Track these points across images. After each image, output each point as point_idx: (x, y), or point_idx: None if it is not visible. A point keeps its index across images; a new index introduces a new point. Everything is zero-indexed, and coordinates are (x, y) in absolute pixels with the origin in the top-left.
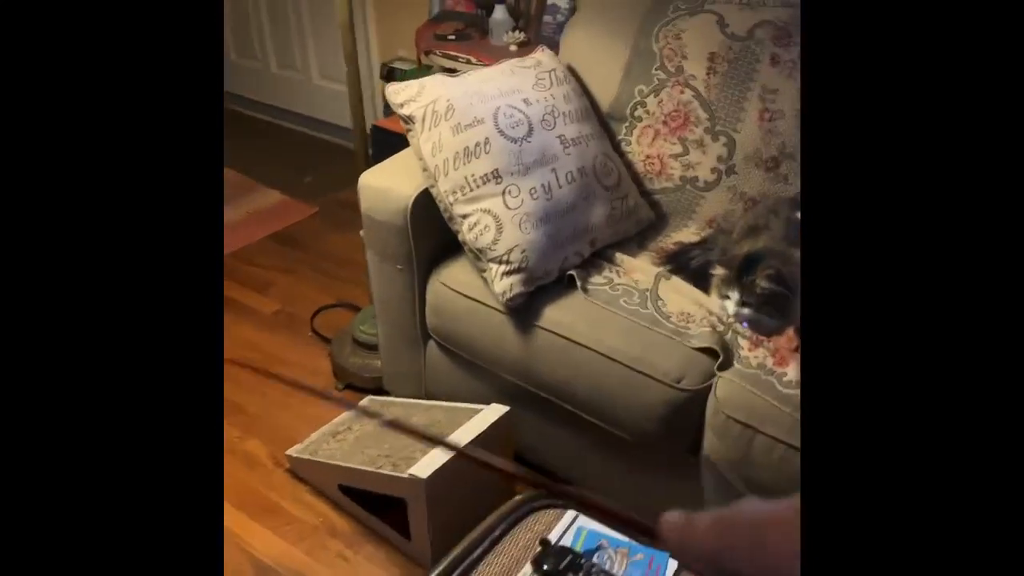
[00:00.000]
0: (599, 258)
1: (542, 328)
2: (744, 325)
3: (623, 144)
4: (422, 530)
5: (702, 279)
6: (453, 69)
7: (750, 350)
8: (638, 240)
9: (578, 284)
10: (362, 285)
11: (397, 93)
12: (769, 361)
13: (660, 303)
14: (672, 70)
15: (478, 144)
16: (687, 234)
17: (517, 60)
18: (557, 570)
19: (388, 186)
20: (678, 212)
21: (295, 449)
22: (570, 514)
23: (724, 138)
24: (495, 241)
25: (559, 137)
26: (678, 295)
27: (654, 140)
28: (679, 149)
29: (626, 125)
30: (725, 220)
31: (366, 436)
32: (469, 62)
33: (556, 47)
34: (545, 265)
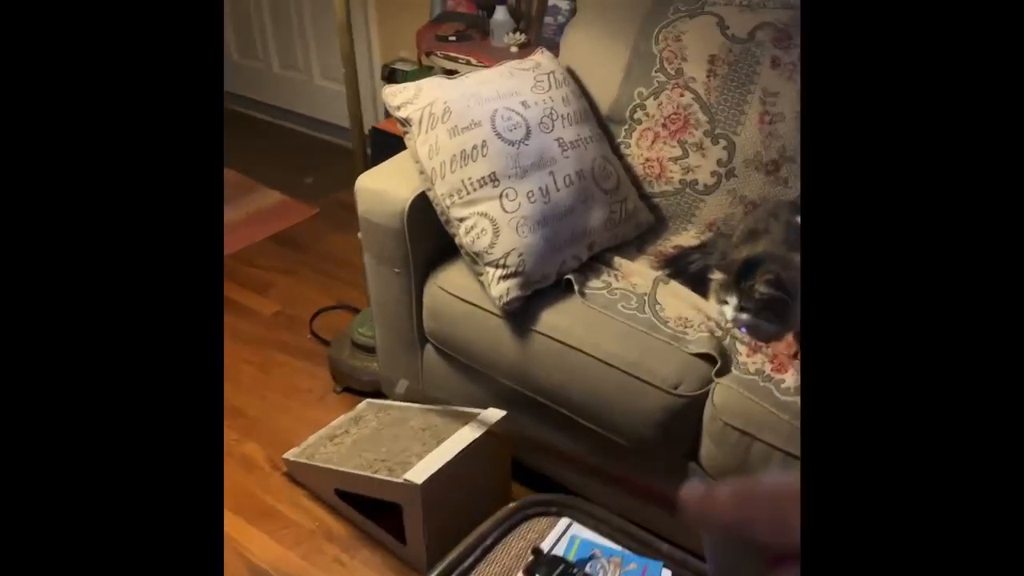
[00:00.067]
0: (597, 262)
1: (539, 332)
2: (742, 330)
3: (622, 147)
4: (417, 535)
5: (701, 284)
6: (454, 70)
7: (748, 356)
8: (637, 244)
9: (575, 288)
10: (362, 287)
11: (394, 95)
12: (767, 367)
13: (658, 308)
14: (672, 72)
15: (475, 147)
16: (686, 238)
17: (516, 62)
18: None
19: (385, 189)
20: (677, 216)
21: (292, 452)
22: (563, 522)
23: (724, 141)
24: (492, 245)
25: (557, 140)
26: (676, 300)
27: (653, 143)
28: (679, 152)
29: (625, 128)
30: (725, 224)
31: (363, 440)
32: (469, 63)
33: (557, 48)
34: (542, 269)
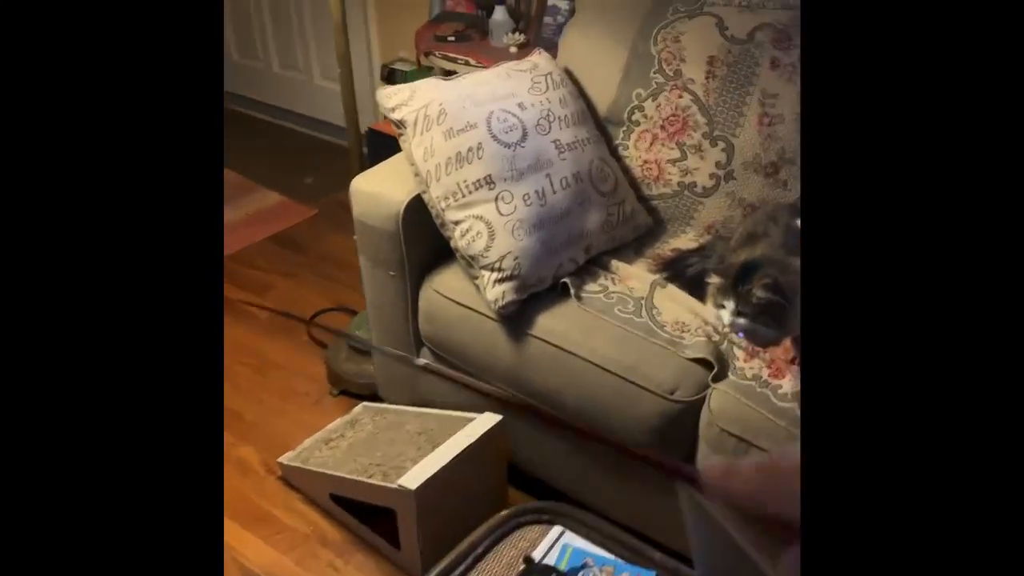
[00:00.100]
0: (594, 265)
1: (535, 336)
2: (740, 335)
3: (620, 149)
4: (411, 540)
5: (698, 287)
6: (452, 71)
7: (746, 361)
8: (635, 246)
9: (572, 292)
10: (360, 289)
11: (389, 97)
12: (765, 373)
13: (655, 312)
14: (671, 74)
15: (471, 149)
16: (685, 241)
17: (513, 63)
18: None
19: (380, 191)
20: (676, 218)
21: (287, 456)
22: (556, 530)
23: (723, 143)
24: (487, 248)
25: (554, 142)
26: (673, 304)
27: (652, 145)
28: (677, 154)
29: (624, 129)
30: (724, 227)
31: (359, 444)
32: (468, 64)
33: (556, 49)
34: (538, 272)
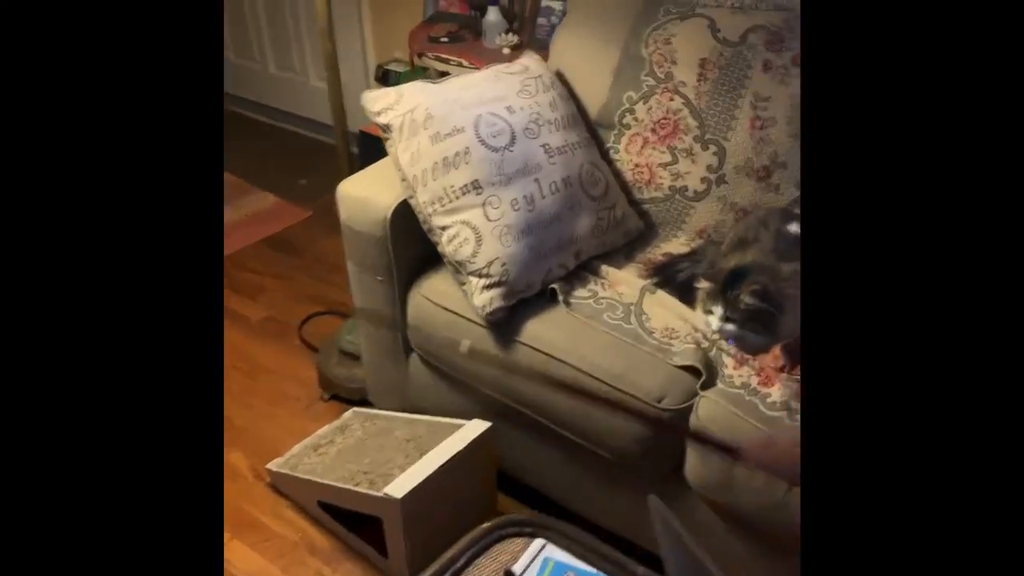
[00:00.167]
0: (584, 270)
1: (523, 343)
2: (729, 342)
3: (611, 152)
4: (398, 549)
5: (688, 293)
6: (446, 72)
7: (735, 368)
8: (626, 251)
9: (560, 298)
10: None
11: (375, 101)
12: (754, 381)
13: (644, 318)
14: (662, 76)
15: (457, 154)
16: (676, 245)
17: (503, 66)
18: None
19: (367, 196)
20: (667, 222)
21: (275, 463)
22: (537, 543)
23: (714, 147)
24: (474, 254)
25: (543, 146)
26: (663, 309)
27: (643, 148)
28: (668, 158)
29: (615, 133)
30: (715, 231)
31: (347, 450)
32: (461, 65)
33: (549, 50)
34: (527, 278)
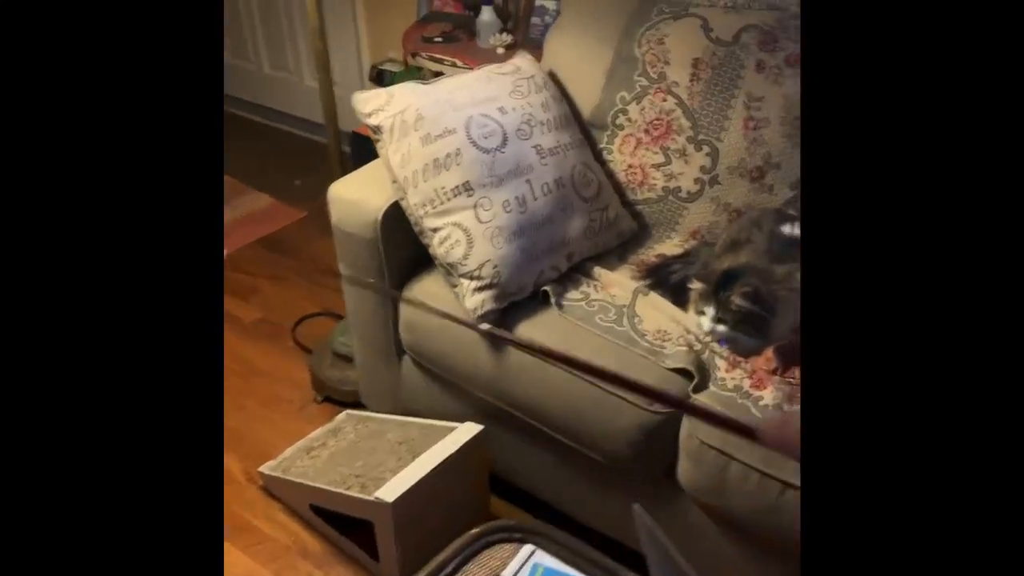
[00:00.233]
0: (577, 272)
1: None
2: (722, 344)
3: (605, 153)
4: (390, 552)
5: (681, 295)
6: (440, 72)
7: (727, 371)
8: (619, 252)
9: (552, 300)
10: None
11: (365, 102)
12: (746, 383)
13: (636, 320)
14: (655, 76)
15: (448, 155)
16: (670, 246)
17: (495, 66)
18: None
19: (358, 198)
20: (661, 223)
21: (268, 466)
22: (527, 549)
23: (707, 147)
24: (465, 256)
25: (535, 147)
26: (655, 311)
27: (636, 149)
28: (661, 159)
29: (607, 133)
30: (709, 232)
31: (340, 453)
32: (455, 65)
33: (543, 50)
34: (518, 280)
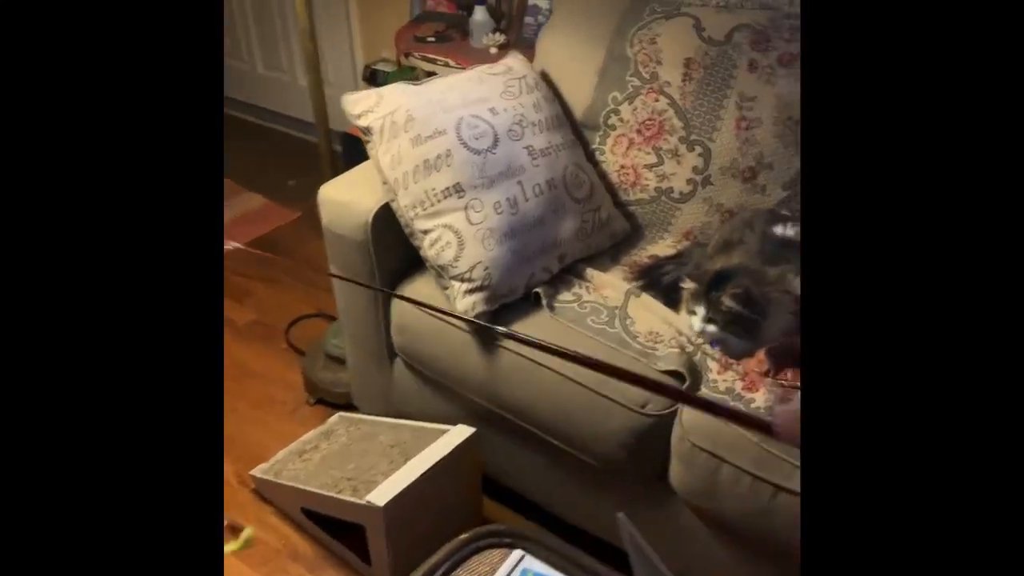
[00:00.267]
0: (569, 274)
1: (506, 348)
2: (713, 346)
3: (597, 154)
4: (381, 556)
5: (673, 296)
6: (433, 72)
7: (719, 373)
8: (611, 254)
9: (544, 302)
10: None
11: (355, 103)
12: (738, 385)
13: (628, 322)
14: (647, 76)
15: (439, 156)
16: (663, 247)
17: (486, 67)
18: None
19: (349, 199)
20: (654, 224)
21: (259, 469)
22: (516, 554)
23: (700, 148)
24: (456, 258)
25: (527, 148)
26: (648, 313)
27: (628, 149)
28: (653, 159)
29: (600, 134)
30: (702, 233)
31: (331, 456)
32: (448, 65)
33: (536, 49)
34: (509, 282)
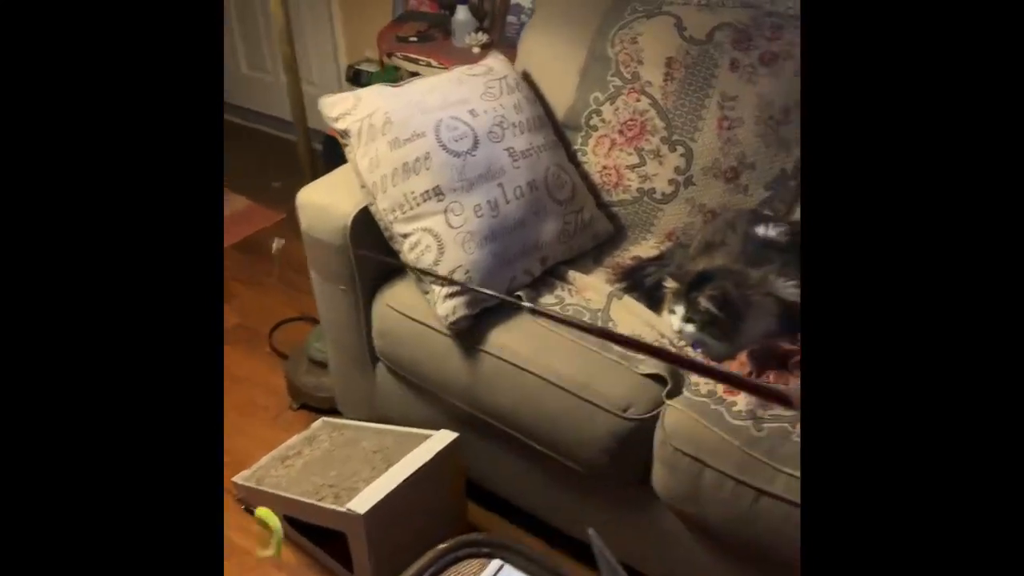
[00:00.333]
0: (551, 276)
1: (487, 353)
2: (695, 348)
3: (579, 155)
4: (363, 564)
5: (656, 298)
6: (417, 72)
7: (701, 376)
8: (594, 255)
9: (525, 305)
10: None
11: (332, 106)
12: (720, 388)
13: (611, 324)
14: (628, 76)
15: (418, 159)
16: (646, 248)
17: (466, 68)
18: None
19: (327, 203)
20: (636, 225)
21: (242, 476)
22: (495, 564)
23: (682, 148)
24: (436, 262)
25: (507, 150)
26: (630, 315)
27: (610, 150)
28: (636, 160)
29: (582, 135)
30: (684, 234)
31: (314, 462)
32: (431, 65)
33: (518, 49)
34: (491, 286)
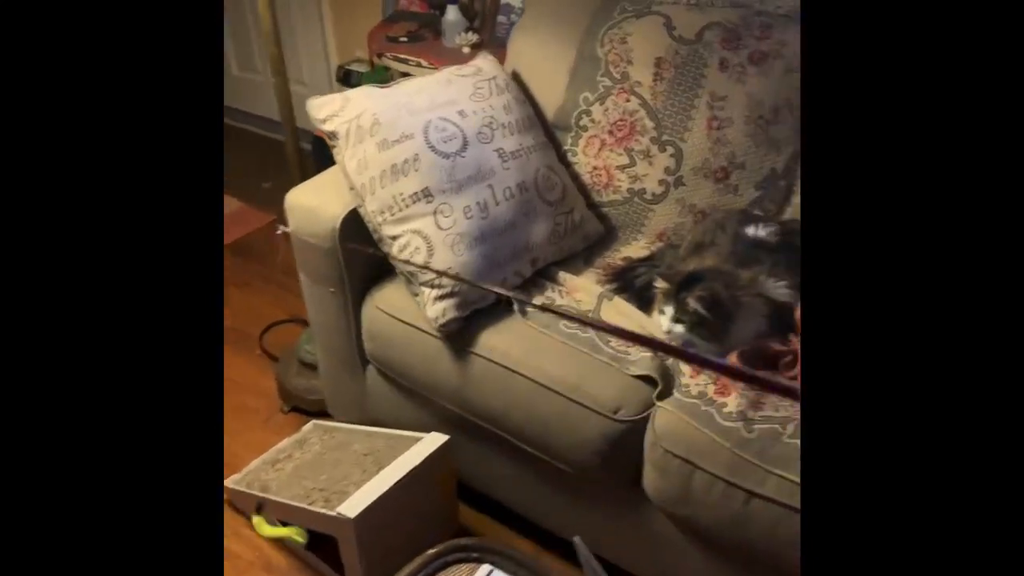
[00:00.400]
0: (542, 277)
1: (478, 355)
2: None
3: (569, 155)
4: (354, 568)
5: (646, 299)
6: (407, 72)
7: (692, 377)
8: (585, 256)
9: (515, 307)
10: None
11: (319, 108)
12: (710, 390)
13: None
14: (618, 76)
15: (406, 161)
16: (636, 248)
17: (455, 68)
18: None
19: (316, 205)
20: (627, 225)
21: (232, 480)
22: (484, 569)
23: (671, 148)
24: (425, 264)
25: (497, 151)
26: (620, 317)
27: (600, 151)
28: (625, 160)
29: (572, 135)
30: (675, 234)
31: (304, 466)
32: (420, 65)
33: (507, 49)
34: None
